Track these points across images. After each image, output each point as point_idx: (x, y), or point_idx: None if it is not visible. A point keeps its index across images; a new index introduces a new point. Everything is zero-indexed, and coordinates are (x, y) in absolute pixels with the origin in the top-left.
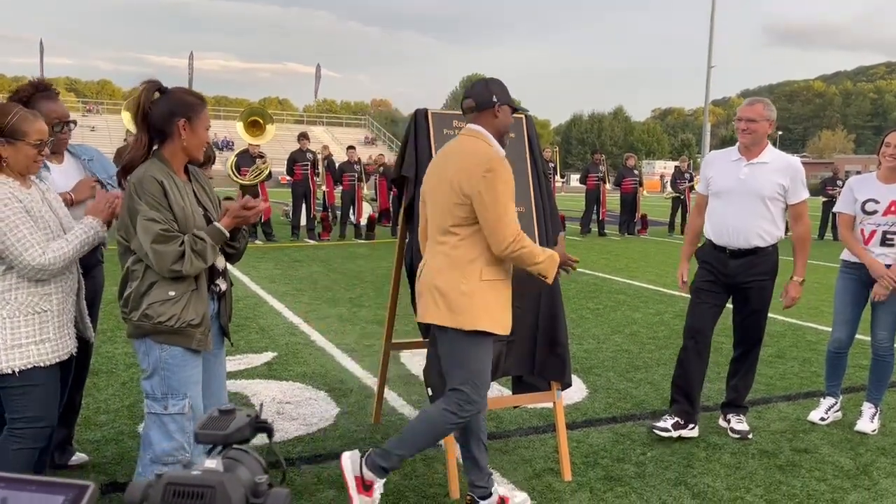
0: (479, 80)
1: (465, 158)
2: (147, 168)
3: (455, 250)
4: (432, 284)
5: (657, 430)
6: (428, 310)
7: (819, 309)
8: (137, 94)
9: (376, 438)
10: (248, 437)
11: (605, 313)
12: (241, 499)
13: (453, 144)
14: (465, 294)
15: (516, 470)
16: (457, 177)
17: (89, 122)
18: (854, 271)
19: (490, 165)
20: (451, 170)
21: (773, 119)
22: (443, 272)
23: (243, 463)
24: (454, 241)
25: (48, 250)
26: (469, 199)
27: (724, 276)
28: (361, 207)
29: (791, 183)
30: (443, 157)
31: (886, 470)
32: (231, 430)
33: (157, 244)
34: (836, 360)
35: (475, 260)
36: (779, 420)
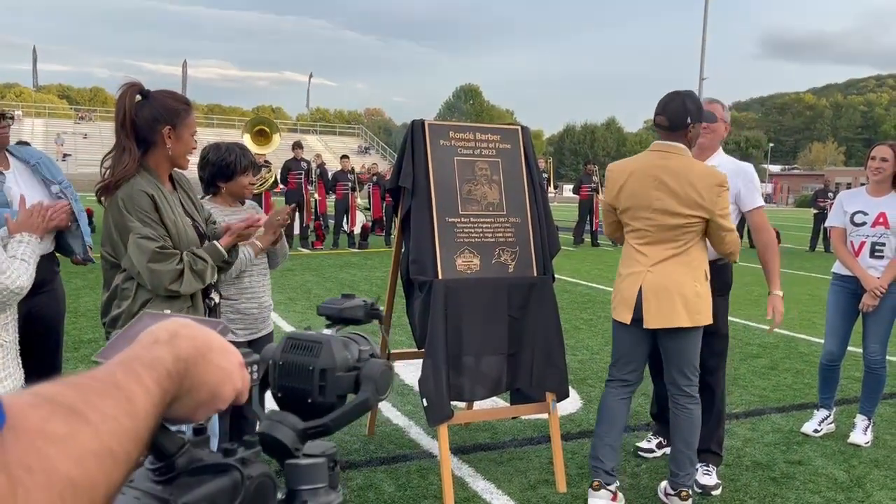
0: (667, 100)
1: (696, 175)
2: (135, 181)
3: (686, 256)
4: (672, 290)
5: (642, 451)
6: (671, 314)
7: (812, 321)
8: (120, 98)
9: (370, 449)
10: (360, 317)
11: (599, 324)
12: (344, 359)
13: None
14: (700, 295)
15: (511, 481)
16: (691, 191)
17: (82, 130)
18: (845, 284)
19: (720, 180)
20: (682, 185)
21: (728, 121)
22: (677, 277)
23: (356, 342)
24: (684, 251)
25: (20, 272)
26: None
27: None
28: (355, 216)
29: (743, 188)
30: (654, 172)
31: (880, 482)
32: (345, 306)
33: (153, 263)
34: (828, 373)
35: (701, 263)
36: (772, 432)
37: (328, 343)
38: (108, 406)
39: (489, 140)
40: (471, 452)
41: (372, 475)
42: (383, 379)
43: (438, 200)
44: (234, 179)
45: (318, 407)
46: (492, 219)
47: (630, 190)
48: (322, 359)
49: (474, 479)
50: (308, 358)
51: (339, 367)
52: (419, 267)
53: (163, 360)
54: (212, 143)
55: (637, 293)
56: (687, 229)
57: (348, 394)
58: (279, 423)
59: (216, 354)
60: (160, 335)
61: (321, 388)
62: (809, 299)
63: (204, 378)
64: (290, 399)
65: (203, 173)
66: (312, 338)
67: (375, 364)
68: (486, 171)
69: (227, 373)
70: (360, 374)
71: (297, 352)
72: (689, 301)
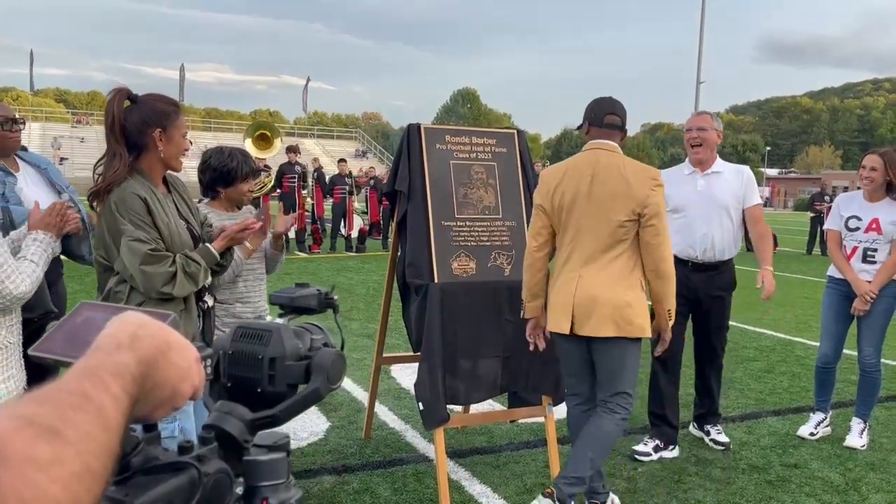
0: (616, 100)
1: (631, 170)
2: (127, 184)
3: (619, 262)
4: (601, 297)
5: (638, 454)
6: (598, 322)
7: (808, 324)
8: (108, 104)
9: (366, 453)
10: (313, 306)
11: None
12: (295, 348)
13: (602, 159)
14: (631, 305)
15: (507, 485)
16: (641, 193)
17: (79, 134)
18: (841, 287)
19: (654, 174)
20: (616, 181)
21: (720, 130)
22: (609, 286)
23: (309, 332)
24: (619, 258)
25: (24, 274)
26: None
27: (687, 290)
28: (352, 220)
29: (745, 189)
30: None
31: (875, 485)
32: (298, 295)
33: (145, 265)
34: (824, 376)
35: (634, 270)
36: (768, 435)
37: (278, 332)
38: (83, 421)
39: (485, 144)
40: (467, 456)
41: (368, 479)
42: (335, 368)
43: (434, 204)
44: (234, 186)
45: (268, 396)
46: (488, 222)
47: (564, 188)
48: (271, 347)
49: (470, 483)
50: (257, 346)
51: (289, 356)
52: (415, 270)
53: (127, 365)
54: (214, 146)
55: (571, 300)
56: (621, 236)
57: (300, 384)
58: (227, 414)
59: (174, 353)
60: (121, 338)
61: (270, 378)
62: (806, 302)
63: (164, 378)
64: (239, 388)
65: (203, 177)
66: (262, 326)
67: (327, 353)
68: (483, 175)
69: (185, 370)
70: (311, 364)
71: (247, 340)
72: (617, 310)
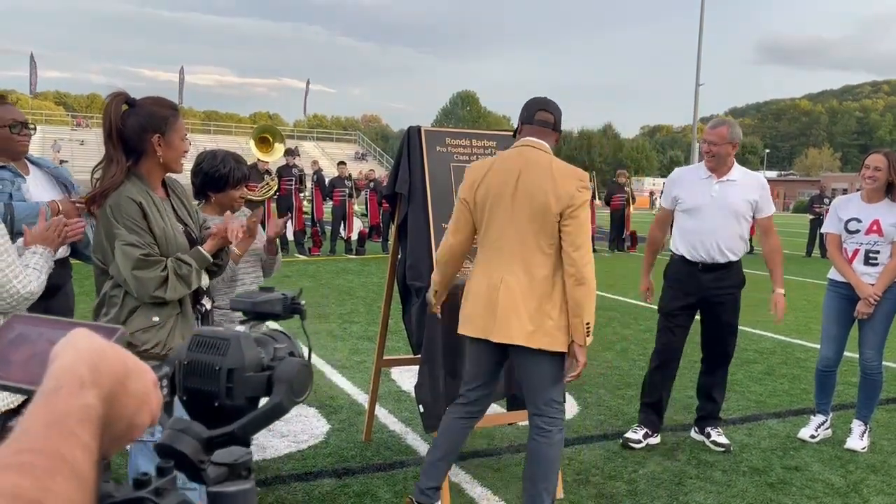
0: (550, 100)
1: (557, 168)
2: (124, 188)
3: (551, 270)
4: (518, 303)
5: (631, 442)
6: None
7: (808, 326)
8: (106, 109)
9: (366, 456)
10: (278, 312)
11: (595, 330)
12: (255, 358)
13: (532, 156)
14: (549, 315)
15: (508, 487)
16: (564, 192)
17: (79, 136)
18: (841, 290)
19: (581, 175)
20: (542, 178)
21: (736, 141)
22: (531, 292)
23: (273, 339)
24: (543, 261)
25: (31, 277)
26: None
27: (696, 289)
28: (352, 223)
29: (761, 199)
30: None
31: (876, 488)
32: (260, 300)
33: (137, 270)
34: (825, 378)
35: (557, 276)
36: (769, 437)
37: (237, 340)
38: (62, 486)
39: (485, 146)
40: (468, 458)
41: (369, 482)
42: (299, 379)
43: (435, 206)
44: (224, 191)
45: (227, 411)
46: None
47: (489, 183)
48: (230, 357)
49: (471, 486)
50: (214, 357)
51: (248, 367)
52: (415, 273)
53: (93, 407)
54: (208, 150)
55: (485, 303)
56: (545, 238)
57: (261, 397)
58: (181, 432)
59: (133, 380)
60: (82, 373)
61: (229, 390)
62: (806, 305)
63: (122, 410)
64: (195, 402)
65: (195, 180)
66: (220, 335)
67: (290, 363)
68: None
69: (143, 397)
70: (274, 375)
71: (203, 350)
72: (533, 318)
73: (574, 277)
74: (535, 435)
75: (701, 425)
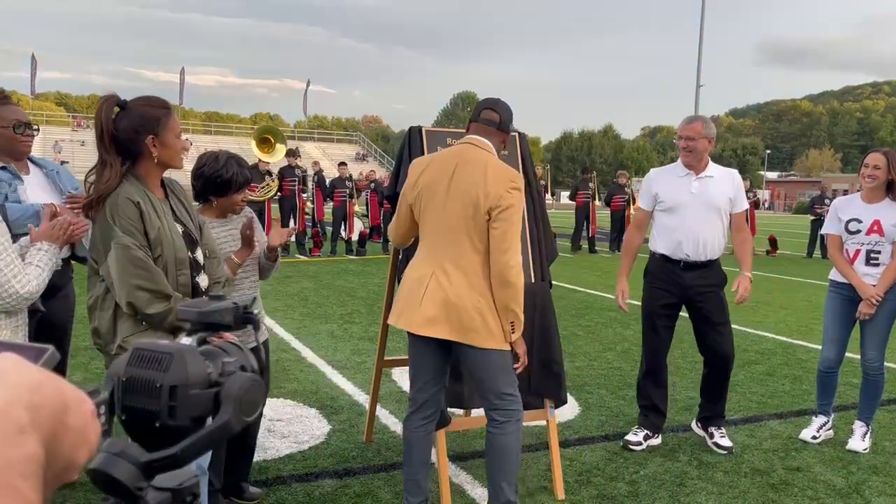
0: (501, 100)
1: (491, 167)
2: (122, 188)
3: (482, 268)
4: (453, 299)
5: (631, 444)
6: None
7: (809, 327)
8: (97, 113)
9: (367, 456)
10: (228, 322)
11: (596, 330)
12: (201, 373)
13: (470, 153)
14: (481, 311)
15: None
16: (492, 191)
17: (80, 137)
18: (842, 291)
19: (512, 176)
20: (475, 176)
21: (711, 136)
22: (465, 288)
23: (223, 352)
24: (474, 258)
25: (31, 277)
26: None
27: (678, 287)
28: (353, 223)
29: (735, 194)
30: (453, 163)
31: (878, 489)
32: (207, 309)
33: (141, 292)
34: (826, 379)
35: (487, 277)
36: (770, 438)
37: (180, 354)
38: None
39: None
40: (469, 459)
41: (370, 482)
42: (249, 396)
43: None
44: (227, 196)
45: (169, 432)
46: None
47: (426, 179)
48: (172, 373)
49: (472, 486)
50: (155, 372)
51: (193, 384)
52: None
53: (35, 455)
54: (209, 152)
55: (412, 295)
56: (476, 235)
57: (207, 416)
58: (117, 456)
59: (71, 414)
60: (19, 417)
61: (171, 410)
62: (807, 306)
63: (62, 449)
64: (135, 422)
65: (196, 183)
66: (162, 348)
67: (239, 379)
68: None
69: (82, 433)
70: (221, 392)
71: (144, 365)
72: (468, 315)
73: (497, 278)
74: (490, 427)
75: (704, 423)
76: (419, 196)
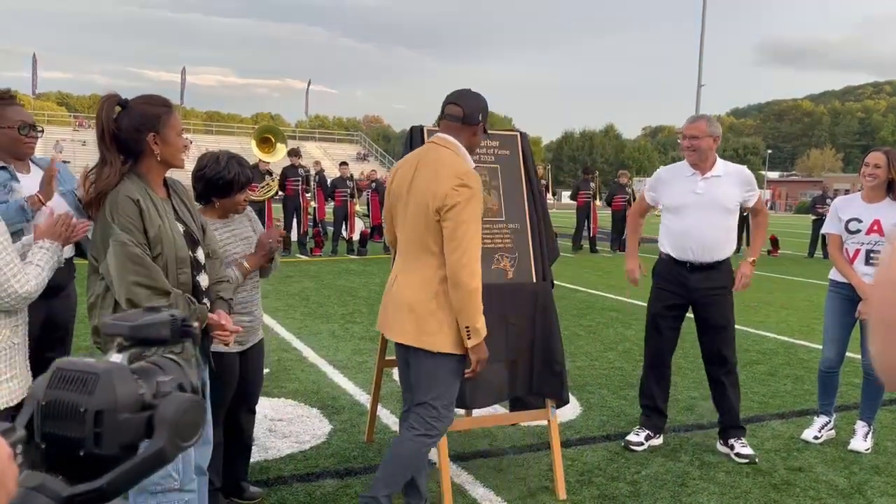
0: (470, 91)
1: (445, 166)
2: (123, 186)
3: (437, 270)
4: (405, 301)
5: (632, 445)
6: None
7: (811, 327)
8: (98, 112)
9: (368, 456)
10: (164, 336)
11: (597, 330)
12: (131, 395)
13: (430, 153)
14: (433, 314)
15: (510, 488)
16: (440, 190)
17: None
18: (843, 290)
19: (461, 173)
20: (429, 176)
21: (716, 135)
22: (417, 289)
23: (159, 370)
24: (431, 260)
25: (30, 276)
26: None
27: (685, 289)
28: (354, 223)
29: (748, 191)
30: (414, 165)
31: (880, 489)
32: (139, 322)
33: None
34: (828, 379)
35: (443, 279)
36: (772, 438)
37: (107, 375)
38: None
39: (488, 146)
40: (470, 459)
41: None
42: (187, 420)
43: None
44: (229, 196)
45: (95, 461)
46: (490, 225)
47: (396, 182)
48: (98, 396)
49: (473, 486)
50: (79, 395)
51: (122, 407)
52: None
53: None
54: (210, 153)
55: (384, 300)
56: (432, 235)
57: (140, 442)
58: (34, 491)
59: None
60: None
61: (97, 437)
62: (808, 306)
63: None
64: (56, 451)
65: (197, 185)
66: (87, 367)
67: (175, 400)
68: (485, 178)
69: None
70: (155, 415)
71: (66, 387)
72: (419, 317)
73: (451, 280)
74: (404, 428)
75: (724, 437)
76: (391, 200)
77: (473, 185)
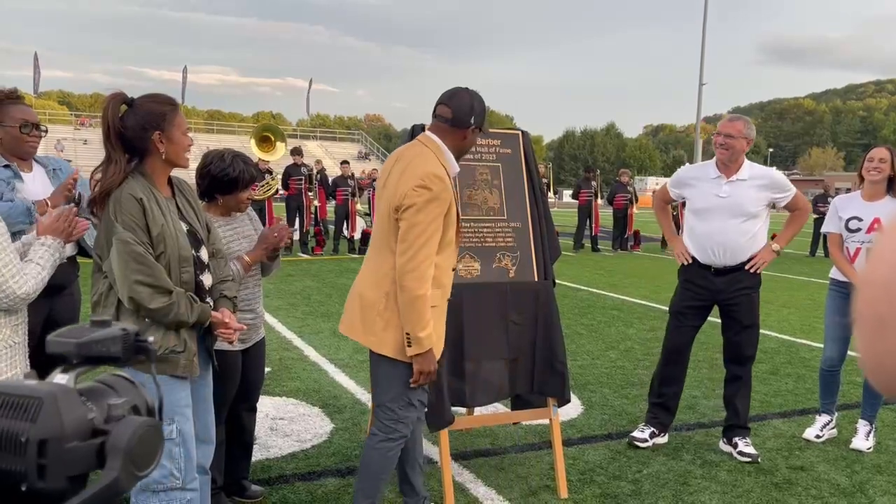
0: (464, 91)
1: (412, 166)
2: (127, 185)
3: (384, 264)
4: (356, 297)
5: (637, 441)
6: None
7: (812, 326)
8: (104, 110)
9: None
10: (115, 354)
11: (599, 329)
12: (80, 421)
13: (410, 151)
14: (380, 314)
15: (512, 487)
16: (400, 189)
17: (82, 136)
18: (843, 289)
19: (423, 174)
20: (398, 174)
21: (751, 138)
22: (371, 285)
23: (112, 392)
24: (388, 259)
25: (29, 276)
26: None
27: (710, 292)
28: (355, 222)
29: (779, 192)
30: (394, 161)
31: (882, 488)
32: (87, 339)
33: (140, 286)
34: (829, 378)
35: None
36: (774, 437)
37: (51, 399)
38: None
39: (489, 145)
40: (471, 458)
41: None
42: (142, 447)
43: None
44: (233, 194)
45: (40, 496)
46: (492, 223)
47: (380, 176)
48: (41, 424)
49: (475, 485)
50: (20, 423)
51: (69, 435)
52: None
53: None
54: (215, 150)
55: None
56: (392, 236)
57: (90, 472)
58: None
59: None
60: None
61: (41, 469)
62: (810, 305)
63: None
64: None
65: (201, 182)
66: (28, 391)
67: (130, 425)
68: (487, 176)
69: None
70: (107, 442)
71: (5, 413)
72: (366, 314)
73: (398, 282)
74: (371, 439)
75: (728, 435)
76: (377, 194)
77: (434, 187)
